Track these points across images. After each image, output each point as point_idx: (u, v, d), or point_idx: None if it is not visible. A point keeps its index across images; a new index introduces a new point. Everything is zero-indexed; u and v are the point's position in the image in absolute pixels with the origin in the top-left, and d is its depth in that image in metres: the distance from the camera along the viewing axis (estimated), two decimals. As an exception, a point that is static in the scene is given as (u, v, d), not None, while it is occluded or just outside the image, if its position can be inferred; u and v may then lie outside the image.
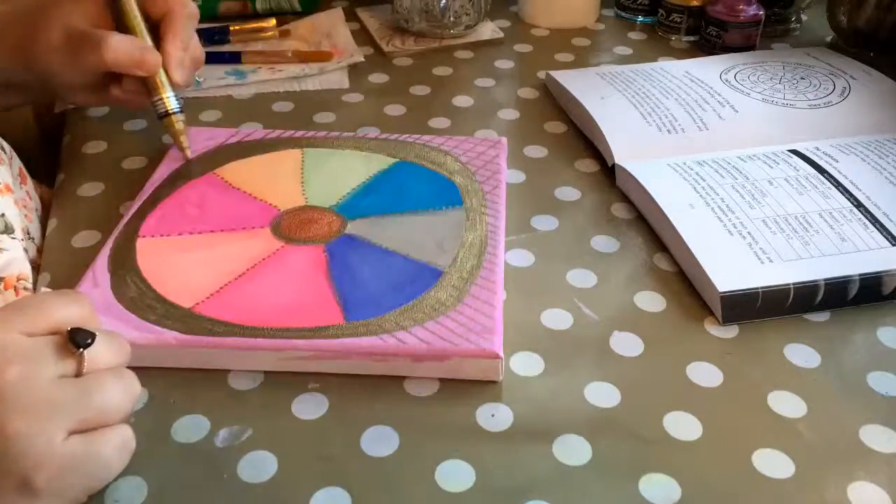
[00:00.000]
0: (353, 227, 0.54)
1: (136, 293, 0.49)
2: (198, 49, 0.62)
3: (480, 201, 0.57)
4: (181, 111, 0.61)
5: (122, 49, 0.56)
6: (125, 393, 0.38)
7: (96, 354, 0.38)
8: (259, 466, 0.41)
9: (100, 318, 0.41)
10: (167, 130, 0.61)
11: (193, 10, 0.61)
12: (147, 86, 0.60)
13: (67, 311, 0.38)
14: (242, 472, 0.41)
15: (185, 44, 0.60)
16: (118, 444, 0.38)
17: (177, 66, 0.59)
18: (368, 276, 0.50)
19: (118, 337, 0.40)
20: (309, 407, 0.44)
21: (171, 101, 0.60)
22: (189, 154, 0.61)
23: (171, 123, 0.60)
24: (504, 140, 0.64)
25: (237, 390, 0.45)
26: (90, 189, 0.61)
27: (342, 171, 0.60)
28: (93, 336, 0.38)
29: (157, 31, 0.60)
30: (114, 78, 0.59)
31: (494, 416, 0.44)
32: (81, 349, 0.37)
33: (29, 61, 0.57)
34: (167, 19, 0.59)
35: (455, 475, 0.41)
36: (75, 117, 0.70)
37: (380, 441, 0.42)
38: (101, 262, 0.51)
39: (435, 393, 0.45)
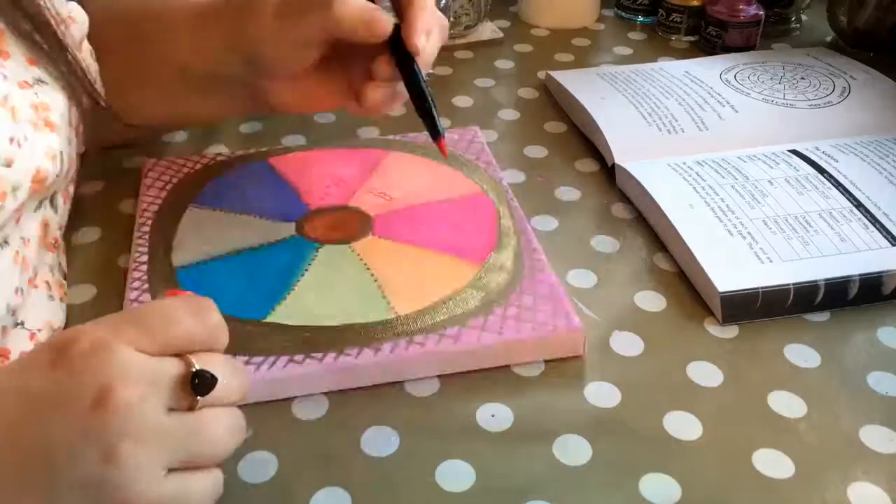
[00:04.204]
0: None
1: None
2: (442, 18, 0.52)
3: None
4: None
5: (353, 4, 0.49)
6: (230, 436, 0.35)
7: (215, 389, 0.34)
8: (259, 466, 0.41)
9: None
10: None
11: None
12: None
13: (190, 328, 0.35)
14: (242, 473, 0.41)
15: (430, 11, 0.51)
16: (210, 489, 0.35)
17: (421, 29, 0.49)
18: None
19: (240, 372, 0.36)
20: (309, 407, 0.44)
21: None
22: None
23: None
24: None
25: (237, 390, 0.45)
26: (89, 188, 0.61)
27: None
28: (214, 383, 0.34)
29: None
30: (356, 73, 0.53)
31: (494, 417, 0.44)
32: (198, 396, 0.34)
33: (238, 37, 0.52)
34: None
35: (455, 475, 0.41)
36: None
37: (380, 441, 0.42)
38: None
39: (435, 393, 0.45)
